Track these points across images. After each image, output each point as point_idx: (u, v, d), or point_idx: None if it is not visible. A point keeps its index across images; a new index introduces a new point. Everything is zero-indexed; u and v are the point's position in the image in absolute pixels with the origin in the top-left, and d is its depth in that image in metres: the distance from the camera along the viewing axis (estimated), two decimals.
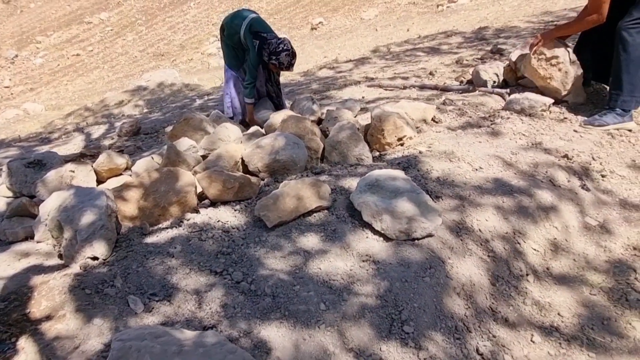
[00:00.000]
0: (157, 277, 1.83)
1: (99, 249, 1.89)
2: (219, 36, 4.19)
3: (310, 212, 2.20)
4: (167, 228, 2.14)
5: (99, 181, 2.81)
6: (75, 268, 1.86)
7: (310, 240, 2.04)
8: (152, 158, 2.73)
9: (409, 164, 2.63)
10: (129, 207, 2.20)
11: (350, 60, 6.99)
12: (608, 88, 3.16)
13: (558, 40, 3.28)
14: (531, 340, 1.79)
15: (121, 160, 2.84)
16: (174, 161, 2.57)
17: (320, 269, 1.89)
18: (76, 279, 1.77)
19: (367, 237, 2.06)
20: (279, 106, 4.25)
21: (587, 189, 2.60)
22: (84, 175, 2.65)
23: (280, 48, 3.67)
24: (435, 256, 1.95)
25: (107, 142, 4.37)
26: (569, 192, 2.53)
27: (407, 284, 1.81)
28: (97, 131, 5.07)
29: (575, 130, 3.11)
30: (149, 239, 2.05)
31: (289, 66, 3.76)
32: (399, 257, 1.93)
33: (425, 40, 7.77)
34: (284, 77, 6.57)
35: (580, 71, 3.26)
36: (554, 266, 2.16)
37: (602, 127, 3.02)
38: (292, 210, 2.14)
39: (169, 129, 3.66)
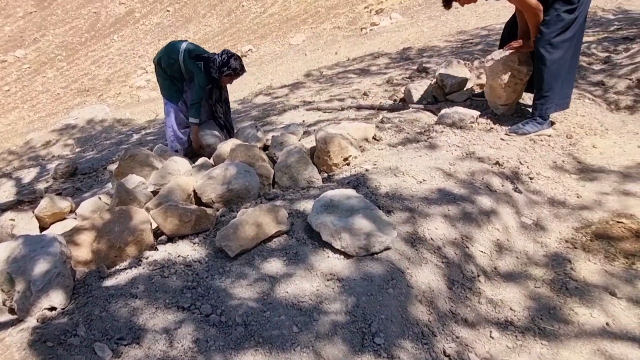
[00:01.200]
0: (123, 320, 1.79)
1: (56, 298, 1.81)
2: (148, 69, 4.24)
3: (270, 238, 2.24)
4: (125, 269, 2.09)
5: (42, 228, 2.69)
6: (31, 321, 1.77)
7: (274, 266, 2.08)
8: (100, 198, 2.65)
9: (358, 182, 2.75)
10: (82, 252, 2.13)
11: (285, 86, 7.13)
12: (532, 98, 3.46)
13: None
14: (490, 337, 1.93)
15: (65, 204, 2.73)
16: (125, 200, 2.52)
17: (287, 292, 1.93)
18: (35, 332, 1.69)
19: (328, 257, 2.13)
20: (225, 126, 4.24)
21: (519, 191, 2.84)
22: (25, 223, 2.52)
23: (226, 57, 3.79)
24: (395, 268, 2.05)
25: (41, 186, 4.15)
26: (504, 195, 2.75)
27: (373, 297, 1.90)
28: (27, 175, 4.80)
29: (501, 139, 3.38)
30: (108, 282, 2.00)
31: (242, 68, 3.92)
32: (362, 272, 2.01)
33: (354, 62, 8.09)
34: None
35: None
36: (500, 265, 2.33)
37: (525, 134, 3.31)
38: (252, 238, 2.17)
39: (112, 167, 3.55)
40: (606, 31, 6.08)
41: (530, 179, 2.99)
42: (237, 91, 10.08)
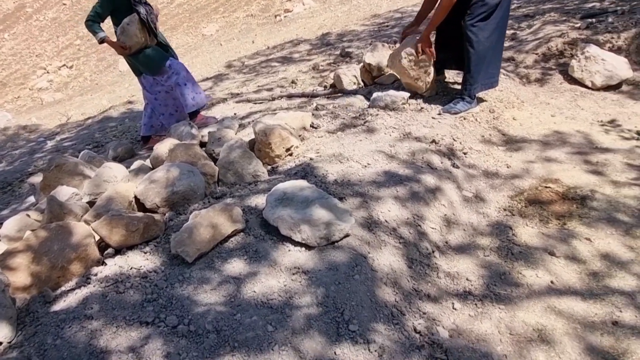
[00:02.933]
0: (81, 345, 1.65)
1: (1, 331, 1.63)
2: (49, 69, 3.98)
3: (227, 238, 2.17)
4: (73, 289, 1.93)
5: None
6: None
7: (236, 266, 2.02)
8: (28, 215, 2.41)
9: (305, 172, 2.74)
10: (20, 276, 1.93)
11: (208, 78, 6.90)
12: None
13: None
14: (453, 308, 2.02)
15: None
16: (59, 214, 2.31)
17: (255, 291, 1.89)
18: None
19: (289, 250, 2.11)
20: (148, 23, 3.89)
21: (457, 167, 2.99)
22: None
23: None
24: (357, 254, 2.08)
25: None
26: (445, 172, 2.88)
27: (341, 285, 1.91)
28: None
29: (433, 118, 3.53)
30: (57, 306, 1.83)
31: None
32: (326, 262, 2.02)
33: (275, 50, 8.00)
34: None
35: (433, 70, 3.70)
36: (450, 239, 2.45)
37: (457, 114, 3.48)
38: (209, 240, 2.09)
39: (33, 179, 3.24)
40: None
41: (464, 154, 3.15)
42: None
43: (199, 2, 17.83)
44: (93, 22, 3.67)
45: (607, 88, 4.14)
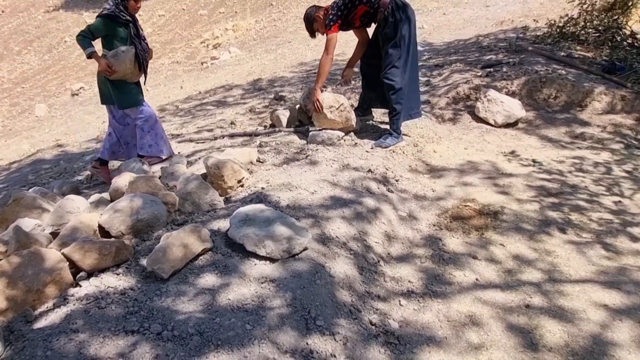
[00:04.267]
0: (71, 355, 1.76)
1: None
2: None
3: (197, 256, 2.37)
4: (53, 309, 2.02)
5: None
6: None
7: (209, 280, 2.23)
8: None
9: (259, 200, 3.01)
10: None
11: None
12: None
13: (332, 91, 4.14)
14: (400, 305, 2.36)
15: None
16: (25, 243, 2.37)
17: (229, 299, 2.10)
18: None
19: (255, 264, 2.35)
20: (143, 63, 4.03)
21: (392, 191, 3.42)
22: None
23: None
24: (316, 263, 2.37)
25: None
26: (382, 195, 3.29)
27: (305, 289, 2.18)
28: None
29: (367, 151, 3.98)
30: (40, 324, 1.92)
31: None
32: (290, 271, 2.29)
33: (207, 95, 8.28)
34: (79, 148, 6.18)
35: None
36: (392, 251, 2.83)
37: (387, 147, 3.96)
38: (182, 258, 2.28)
39: None
40: (421, 60, 7.36)
41: (396, 181, 3.60)
42: (80, 131, 9.41)
43: None
44: (84, 37, 3.67)
45: (507, 125, 4.88)
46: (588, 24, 7.13)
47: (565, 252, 2.79)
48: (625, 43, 6.62)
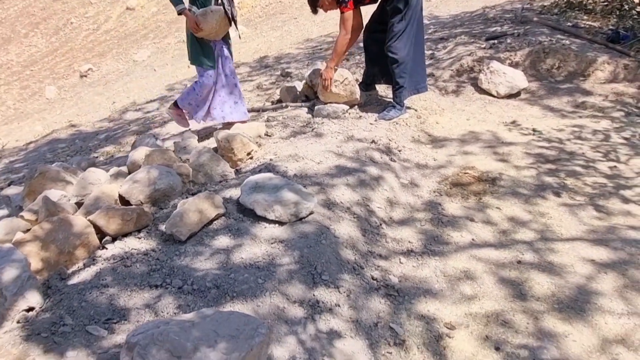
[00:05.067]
0: (104, 305, 1.97)
1: (33, 298, 1.92)
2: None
3: (211, 221, 2.56)
4: (83, 268, 2.23)
5: None
6: (10, 324, 1.86)
7: (223, 241, 2.42)
8: (22, 217, 2.65)
9: (268, 170, 3.18)
10: (32, 262, 2.20)
11: (153, 100, 7.14)
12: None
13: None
14: (400, 262, 2.55)
15: None
16: (54, 212, 2.57)
17: (242, 258, 2.30)
18: (24, 329, 1.80)
19: (265, 227, 2.54)
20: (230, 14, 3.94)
21: (394, 161, 3.57)
22: None
23: None
24: (322, 225, 2.56)
25: None
26: (385, 165, 3.44)
27: (312, 248, 2.37)
28: None
29: (370, 123, 4.12)
30: (73, 281, 2.13)
31: None
32: (298, 232, 2.47)
33: None
34: (93, 127, 6.37)
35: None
36: (394, 215, 3.00)
37: (390, 120, 4.09)
38: (197, 222, 2.47)
39: (8, 190, 3.38)
40: (426, 34, 7.39)
41: (399, 151, 3.75)
42: (90, 112, 9.61)
43: (127, 29, 17.75)
44: None
45: (509, 96, 4.97)
46: None
47: (558, 214, 2.94)
48: (633, 12, 6.59)
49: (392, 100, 4.23)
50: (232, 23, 3.99)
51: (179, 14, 3.73)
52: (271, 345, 1.83)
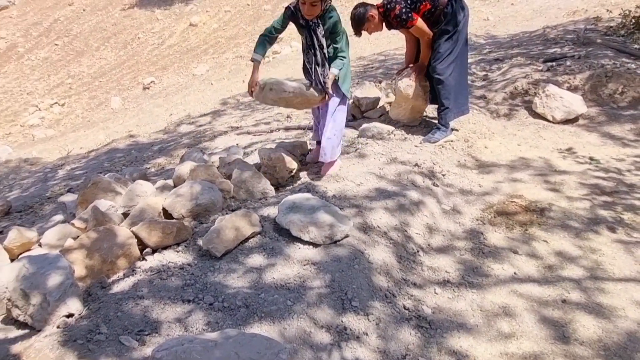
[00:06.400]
0: (138, 317, 2.04)
1: (73, 305, 2.02)
2: (41, 106, 3.82)
3: (247, 239, 2.60)
4: (123, 278, 2.33)
5: (10, 259, 2.76)
6: (51, 329, 1.96)
7: (257, 260, 2.45)
8: (73, 224, 2.80)
9: (308, 189, 3.20)
10: (77, 269, 2.32)
11: (205, 114, 7.40)
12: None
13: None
14: (435, 293, 2.47)
15: (32, 234, 2.84)
16: (101, 221, 2.71)
17: (274, 278, 2.31)
18: (63, 335, 1.89)
19: (299, 248, 2.54)
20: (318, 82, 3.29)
21: (437, 185, 3.49)
22: None
23: None
24: (356, 250, 2.53)
25: None
26: (427, 189, 3.37)
27: (344, 272, 2.35)
28: None
29: (415, 146, 4.05)
30: (112, 290, 2.22)
31: None
32: (331, 255, 2.46)
33: None
34: (148, 138, 6.67)
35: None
36: (432, 242, 2.92)
37: (436, 142, 4.02)
38: (233, 239, 2.52)
39: (64, 198, 3.61)
40: (481, 54, 7.24)
41: (443, 175, 3.66)
42: (149, 123, 10.08)
43: (188, 44, 18.58)
44: (263, 36, 3.30)
45: (566, 122, 4.75)
46: None
47: (611, 251, 2.76)
48: None
49: (437, 123, 4.15)
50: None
51: (251, 60, 3.31)
52: None
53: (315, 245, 2.55)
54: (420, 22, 3.78)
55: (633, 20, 6.62)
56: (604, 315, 2.29)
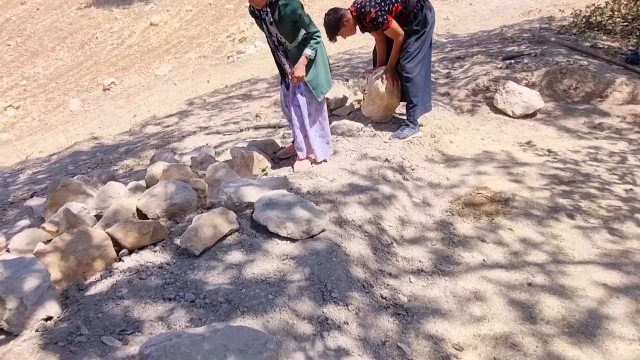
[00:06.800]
0: (119, 317, 2.03)
1: (51, 308, 1.99)
2: (9, 105, 3.79)
3: (225, 236, 2.62)
4: (100, 279, 2.30)
5: None
6: (30, 333, 1.92)
7: (236, 256, 2.47)
8: (44, 228, 2.74)
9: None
10: (52, 272, 2.28)
11: (171, 115, 7.30)
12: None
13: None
14: (410, 282, 2.56)
15: (1, 239, 2.77)
16: (74, 223, 2.67)
17: (254, 273, 2.34)
18: (43, 338, 1.86)
19: (277, 244, 2.58)
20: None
21: (407, 179, 3.60)
22: None
23: None
24: (333, 243, 2.59)
25: None
26: (397, 183, 3.48)
27: (322, 265, 2.40)
28: None
29: (385, 142, 4.16)
30: (90, 292, 2.20)
31: None
32: (309, 249, 2.51)
33: (233, 89, 8.55)
34: (114, 140, 6.53)
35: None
36: (405, 234, 3.02)
37: (404, 138, 4.13)
38: (211, 237, 2.53)
39: (30, 202, 3.50)
40: (443, 52, 7.45)
41: (412, 170, 3.78)
42: (112, 125, 9.84)
43: (149, 44, 18.18)
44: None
45: (525, 116, 4.97)
46: (616, 13, 7.07)
47: (571, 236, 2.93)
48: None
49: (405, 119, 4.27)
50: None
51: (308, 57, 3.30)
52: None
53: (292, 240, 2.60)
54: (394, 24, 3.87)
55: (584, 20, 6.98)
56: (566, 295, 2.44)
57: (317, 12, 15.58)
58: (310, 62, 3.39)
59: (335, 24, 3.84)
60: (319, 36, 3.34)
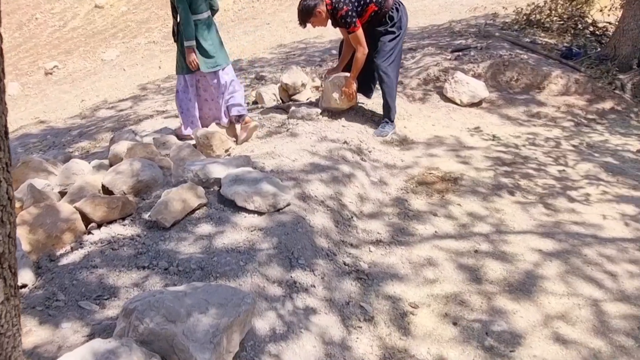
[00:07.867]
0: (94, 284, 2.10)
1: (26, 275, 2.03)
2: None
3: (194, 210, 2.72)
4: (72, 251, 2.35)
5: None
6: None
7: (205, 229, 2.58)
8: None
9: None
10: (22, 244, 2.30)
11: (124, 100, 7.17)
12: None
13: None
14: (370, 251, 2.77)
15: None
16: (39, 199, 2.66)
17: (224, 243, 2.46)
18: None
19: (245, 217, 2.71)
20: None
21: (365, 160, 3.81)
22: None
23: None
24: (298, 216, 2.75)
25: None
26: (356, 164, 3.67)
27: (289, 235, 2.56)
28: None
29: (343, 126, 4.34)
30: (62, 262, 2.24)
31: None
32: (276, 221, 2.66)
33: None
34: (64, 124, 6.35)
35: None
36: (364, 209, 3.22)
37: (386, 135, 4.29)
38: (181, 210, 2.62)
39: None
40: None
41: (369, 152, 3.99)
42: (58, 110, 9.47)
43: (95, 27, 17.47)
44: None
45: (472, 105, 5.31)
46: (553, 12, 7.60)
47: (511, 210, 3.24)
48: (586, 31, 7.12)
49: (384, 117, 4.40)
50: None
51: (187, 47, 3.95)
52: (253, 318, 2.00)
53: (260, 213, 2.73)
54: (360, 33, 3.94)
55: (525, 17, 7.47)
56: (507, 260, 2.73)
57: (270, 1, 15.54)
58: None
59: (307, 11, 3.90)
60: (183, 8, 3.95)
